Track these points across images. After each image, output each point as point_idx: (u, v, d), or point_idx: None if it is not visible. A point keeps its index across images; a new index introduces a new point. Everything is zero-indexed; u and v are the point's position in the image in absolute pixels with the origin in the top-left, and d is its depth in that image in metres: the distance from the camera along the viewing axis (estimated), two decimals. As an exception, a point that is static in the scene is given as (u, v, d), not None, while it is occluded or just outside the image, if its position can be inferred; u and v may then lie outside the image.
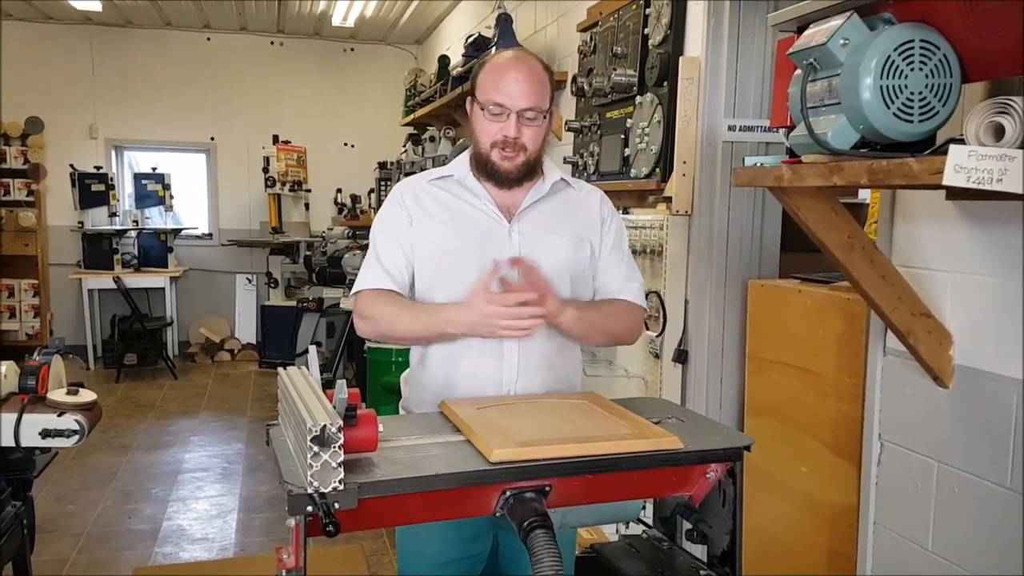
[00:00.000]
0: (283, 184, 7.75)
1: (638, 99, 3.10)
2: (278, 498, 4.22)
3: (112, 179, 7.73)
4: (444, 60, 6.19)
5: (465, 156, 1.98)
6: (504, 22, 4.59)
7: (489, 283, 1.73)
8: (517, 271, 1.81)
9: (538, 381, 1.90)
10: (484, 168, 1.90)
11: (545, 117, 1.87)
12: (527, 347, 1.87)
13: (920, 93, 1.34)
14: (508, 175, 1.88)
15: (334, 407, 1.34)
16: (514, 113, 1.83)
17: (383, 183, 6.65)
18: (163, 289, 7.73)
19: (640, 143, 3.05)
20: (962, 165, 1.21)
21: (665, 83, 2.93)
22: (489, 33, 4.82)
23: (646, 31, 3.09)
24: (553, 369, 1.93)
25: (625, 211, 3.41)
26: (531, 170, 1.91)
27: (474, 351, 1.86)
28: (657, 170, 2.96)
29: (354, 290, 1.95)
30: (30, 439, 2.06)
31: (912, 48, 1.33)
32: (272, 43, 8.40)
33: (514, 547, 1.91)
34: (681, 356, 2.94)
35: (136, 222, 7.76)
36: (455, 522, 1.79)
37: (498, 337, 1.75)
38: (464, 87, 4.87)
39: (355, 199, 8.08)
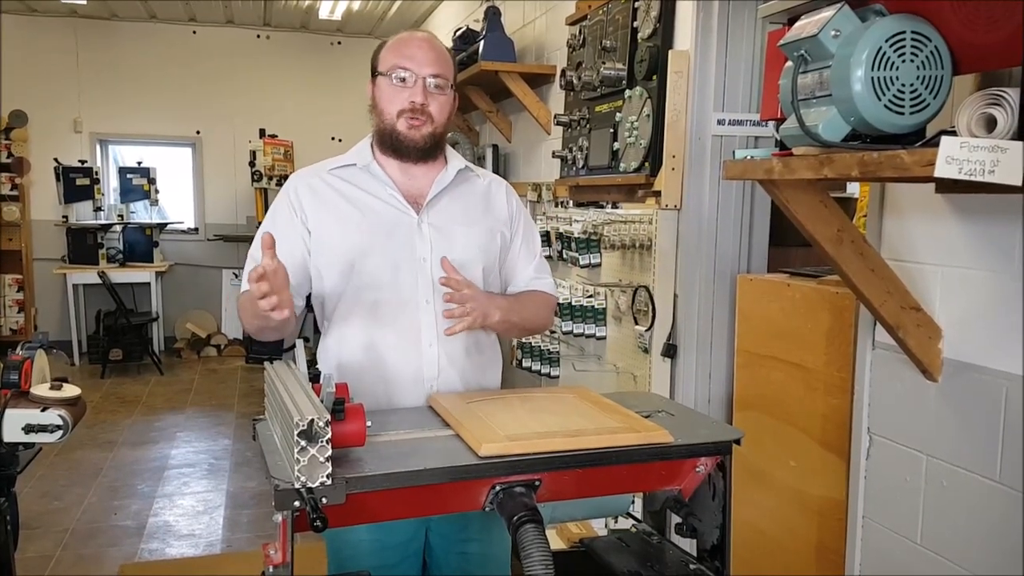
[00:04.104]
0: (270, 178, 7.70)
1: (627, 93, 3.09)
2: (266, 494, 4.20)
3: (97, 173, 7.66)
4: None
5: (366, 143, 1.92)
6: (492, 15, 4.57)
7: (266, 259, 1.56)
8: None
9: (459, 376, 1.87)
10: (389, 142, 1.85)
11: (450, 87, 1.84)
12: (447, 343, 1.84)
13: (911, 85, 1.34)
14: (415, 145, 1.83)
15: (321, 401, 1.33)
16: (420, 79, 1.79)
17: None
18: (149, 284, 7.68)
19: (629, 137, 3.04)
20: (954, 156, 1.20)
21: (654, 77, 2.92)
22: (477, 27, 4.79)
23: (635, 24, 3.08)
24: (472, 362, 1.90)
25: (614, 205, 3.41)
26: (437, 145, 1.87)
27: (393, 348, 1.82)
28: (646, 164, 2.95)
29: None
30: (13, 434, 2.03)
31: (903, 39, 1.33)
32: (258, 36, 8.35)
33: (441, 533, 1.88)
34: (670, 351, 2.94)
35: (121, 216, 7.70)
36: (388, 525, 1.76)
37: (270, 316, 1.58)
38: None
39: (342, 194, 8.04)
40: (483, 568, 1.89)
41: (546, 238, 3.78)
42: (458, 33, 4.99)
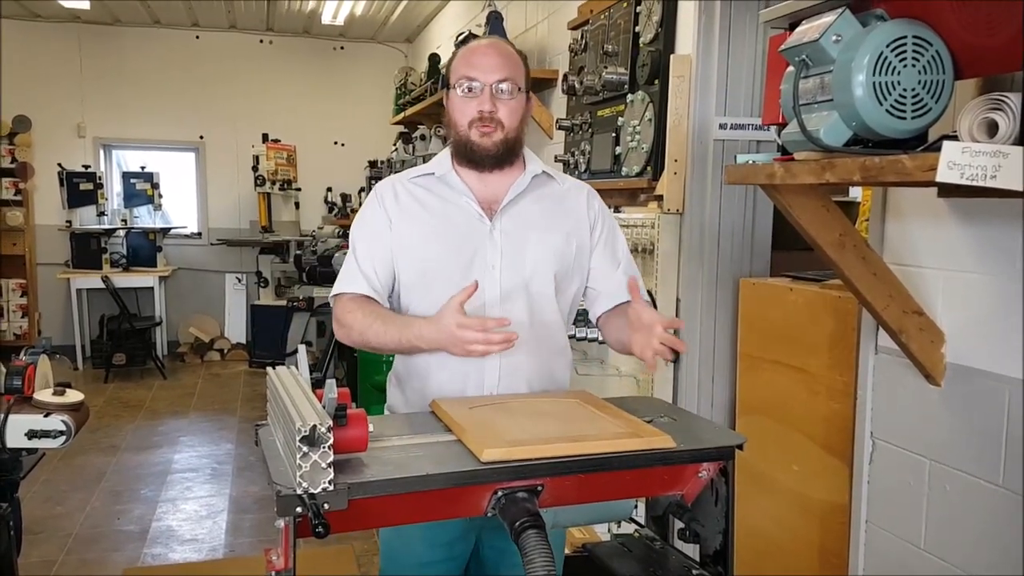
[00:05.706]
0: (273, 183, 7.71)
1: (629, 97, 3.09)
2: (269, 498, 4.19)
3: (100, 178, 7.68)
4: (434, 58, 6.18)
5: (446, 153, 1.94)
6: (495, 20, 4.58)
7: (462, 301, 1.65)
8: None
9: (523, 386, 1.86)
10: (464, 152, 1.86)
11: (520, 90, 1.84)
12: (509, 352, 1.79)
13: (913, 90, 1.34)
14: (487, 153, 1.83)
15: (323, 407, 1.33)
16: (487, 87, 1.80)
17: (373, 182, 6.63)
18: (152, 289, 7.68)
19: (631, 141, 3.04)
20: (955, 162, 1.20)
21: (656, 81, 2.92)
22: (479, 31, 4.80)
23: (637, 29, 3.08)
24: (540, 373, 1.89)
25: (616, 209, 3.40)
26: (510, 151, 1.86)
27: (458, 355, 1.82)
28: (648, 168, 2.95)
29: (333, 292, 1.92)
30: (16, 440, 2.04)
31: (905, 44, 1.33)
32: (261, 41, 8.36)
33: (497, 547, 1.89)
34: (673, 355, 2.93)
35: (125, 221, 7.70)
36: (440, 522, 1.77)
37: (470, 355, 1.68)
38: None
39: (345, 198, 8.06)
40: None
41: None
42: (460, 38, 4.99)
